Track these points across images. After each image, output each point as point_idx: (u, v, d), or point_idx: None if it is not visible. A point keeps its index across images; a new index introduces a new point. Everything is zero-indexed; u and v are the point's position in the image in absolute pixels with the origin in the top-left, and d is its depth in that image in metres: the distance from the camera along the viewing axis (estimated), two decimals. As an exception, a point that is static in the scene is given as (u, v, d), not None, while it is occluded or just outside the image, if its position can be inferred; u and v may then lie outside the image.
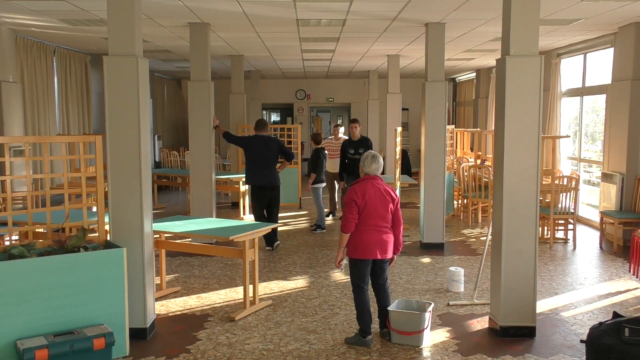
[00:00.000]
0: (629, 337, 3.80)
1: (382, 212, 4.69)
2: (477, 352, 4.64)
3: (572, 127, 11.06)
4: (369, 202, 4.64)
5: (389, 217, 4.74)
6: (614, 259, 7.61)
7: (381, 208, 4.69)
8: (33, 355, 3.87)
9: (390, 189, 4.82)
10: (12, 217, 4.49)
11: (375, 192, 4.69)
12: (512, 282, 4.88)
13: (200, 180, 8.33)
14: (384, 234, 4.73)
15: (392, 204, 4.75)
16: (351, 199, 4.66)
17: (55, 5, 6.84)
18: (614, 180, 8.54)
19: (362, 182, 4.75)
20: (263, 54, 11.89)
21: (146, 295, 4.86)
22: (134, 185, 4.76)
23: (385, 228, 4.73)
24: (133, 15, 4.74)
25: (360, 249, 4.69)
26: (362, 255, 4.70)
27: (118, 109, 4.73)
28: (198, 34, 8.21)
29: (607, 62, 9.29)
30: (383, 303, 4.92)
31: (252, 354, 4.58)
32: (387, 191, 4.75)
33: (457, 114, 18.29)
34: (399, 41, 10.00)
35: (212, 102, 8.34)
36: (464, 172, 10.25)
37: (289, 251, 8.04)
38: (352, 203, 4.65)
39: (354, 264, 4.78)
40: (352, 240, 4.70)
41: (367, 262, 4.75)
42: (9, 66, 8.49)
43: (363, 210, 4.65)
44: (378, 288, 4.93)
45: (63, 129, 10.54)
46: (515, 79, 4.76)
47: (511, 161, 4.82)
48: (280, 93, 18.76)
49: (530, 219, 4.85)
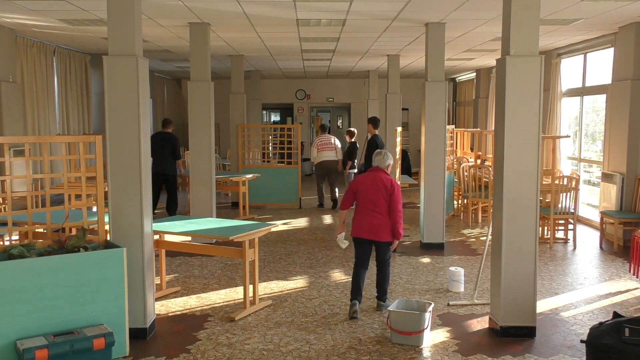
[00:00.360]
0: (629, 337, 3.80)
1: (374, 199, 5.35)
2: (477, 352, 4.64)
3: (572, 127, 11.06)
4: (362, 189, 5.42)
5: (382, 205, 5.36)
6: (614, 259, 7.61)
7: (373, 195, 5.36)
8: (33, 355, 3.87)
9: (390, 179, 5.44)
10: (12, 217, 4.49)
11: (371, 181, 5.41)
12: (512, 282, 4.88)
13: (200, 180, 8.33)
14: (375, 218, 5.37)
15: (385, 193, 5.36)
16: (350, 183, 5.61)
17: (55, 5, 6.84)
18: (614, 180, 8.54)
19: (366, 173, 5.61)
20: (263, 54, 11.89)
21: (146, 295, 4.86)
22: (134, 185, 4.76)
23: (375, 213, 5.37)
24: (133, 15, 4.74)
25: (354, 227, 5.52)
26: (353, 233, 5.52)
27: (118, 109, 4.73)
28: (198, 34, 8.21)
29: (607, 62, 9.29)
30: (378, 278, 5.63)
31: (252, 354, 4.58)
32: (383, 182, 5.39)
33: (457, 114, 18.28)
34: (399, 41, 10.00)
35: (212, 102, 8.34)
36: (464, 172, 10.25)
37: (289, 251, 8.04)
38: (349, 186, 5.58)
39: (352, 240, 5.61)
40: (352, 221, 5.55)
41: (360, 240, 5.50)
42: (9, 66, 8.49)
43: (356, 193, 5.46)
44: (378, 266, 5.61)
45: (63, 129, 10.54)
46: (516, 79, 4.76)
47: (511, 161, 4.82)
48: (280, 93, 18.76)
49: (530, 219, 4.85)
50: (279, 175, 11.79)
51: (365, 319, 5.35)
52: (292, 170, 11.79)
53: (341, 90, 18.77)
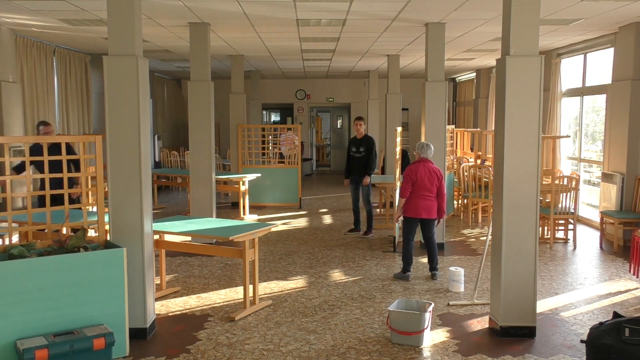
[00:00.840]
0: (629, 337, 3.80)
1: (429, 186, 6.48)
2: (477, 352, 4.64)
3: (572, 127, 11.06)
4: (419, 178, 6.45)
5: (434, 190, 6.51)
6: (614, 259, 7.61)
7: (428, 183, 6.47)
8: (33, 355, 3.87)
9: (437, 169, 6.59)
10: (12, 217, 4.49)
11: (425, 171, 6.48)
12: (512, 282, 4.88)
13: (200, 180, 8.33)
14: (429, 201, 6.53)
15: (437, 180, 6.51)
16: (408, 175, 6.49)
17: (55, 5, 6.84)
18: (614, 180, 8.54)
19: (417, 163, 6.57)
20: (263, 54, 11.89)
21: (146, 295, 4.86)
22: (134, 185, 4.76)
23: (430, 197, 6.52)
24: (133, 15, 4.74)
25: (411, 210, 6.55)
26: (412, 214, 6.56)
27: (118, 109, 4.73)
28: (198, 34, 8.21)
29: (607, 62, 9.29)
30: (430, 252, 6.69)
31: (252, 354, 4.58)
32: (434, 171, 6.53)
33: (457, 114, 18.29)
34: (399, 41, 10.00)
35: (212, 102, 8.34)
36: (464, 172, 10.25)
37: (289, 251, 8.04)
38: (408, 177, 6.48)
39: (406, 220, 6.67)
40: (407, 204, 6.56)
41: (415, 220, 6.61)
42: (8, 66, 8.49)
43: (415, 183, 6.45)
44: (427, 241, 6.71)
45: (63, 129, 10.54)
46: (516, 79, 4.76)
47: (511, 161, 4.82)
48: (280, 93, 18.76)
49: (530, 219, 4.85)
50: (279, 175, 11.79)
51: (365, 319, 5.35)
52: (292, 170, 11.79)
53: (341, 90, 18.78)
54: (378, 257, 7.65)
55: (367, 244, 8.46)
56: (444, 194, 6.58)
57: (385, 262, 7.39)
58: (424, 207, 6.52)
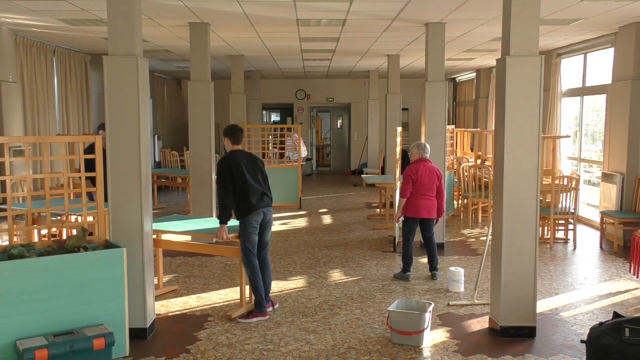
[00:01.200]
0: (629, 337, 3.80)
1: (429, 185, 6.48)
2: (477, 352, 4.64)
3: (573, 127, 11.06)
4: (420, 177, 6.45)
5: (434, 189, 6.53)
6: (614, 259, 7.60)
7: (428, 182, 6.47)
8: (33, 355, 3.87)
9: (437, 169, 6.60)
10: (12, 217, 4.49)
11: (425, 171, 6.49)
12: (512, 282, 4.88)
13: (200, 180, 8.32)
14: (429, 200, 6.53)
15: (437, 180, 6.53)
16: (408, 174, 6.49)
17: (55, 5, 6.84)
18: (614, 180, 8.54)
19: (417, 163, 6.57)
20: (263, 54, 11.89)
21: (146, 295, 4.86)
22: (134, 185, 4.76)
23: (430, 196, 6.52)
24: (133, 15, 4.73)
25: (412, 209, 6.54)
26: (412, 214, 6.55)
27: (118, 109, 4.72)
28: (198, 34, 8.20)
29: (607, 62, 9.29)
30: (430, 252, 6.66)
31: (252, 354, 4.58)
32: (433, 170, 6.54)
33: (457, 114, 18.29)
34: (399, 41, 10.00)
35: (212, 102, 8.33)
36: (464, 172, 10.25)
37: (289, 251, 8.04)
38: (408, 177, 6.48)
39: (406, 220, 6.64)
40: (407, 203, 6.54)
41: (416, 220, 6.59)
42: (8, 66, 8.49)
43: (415, 182, 6.46)
44: (427, 241, 6.70)
45: (63, 129, 10.54)
46: (516, 79, 4.76)
47: (511, 161, 4.81)
48: (280, 93, 18.76)
49: (530, 219, 4.84)
50: (279, 175, 11.79)
51: (365, 319, 5.35)
52: (292, 170, 11.79)
53: (341, 90, 18.77)
54: (378, 257, 7.65)
55: (367, 244, 8.46)
56: (444, 194, 6.60)
57: (385, 262, 7.39)
58: (424, 207, 6.53)
